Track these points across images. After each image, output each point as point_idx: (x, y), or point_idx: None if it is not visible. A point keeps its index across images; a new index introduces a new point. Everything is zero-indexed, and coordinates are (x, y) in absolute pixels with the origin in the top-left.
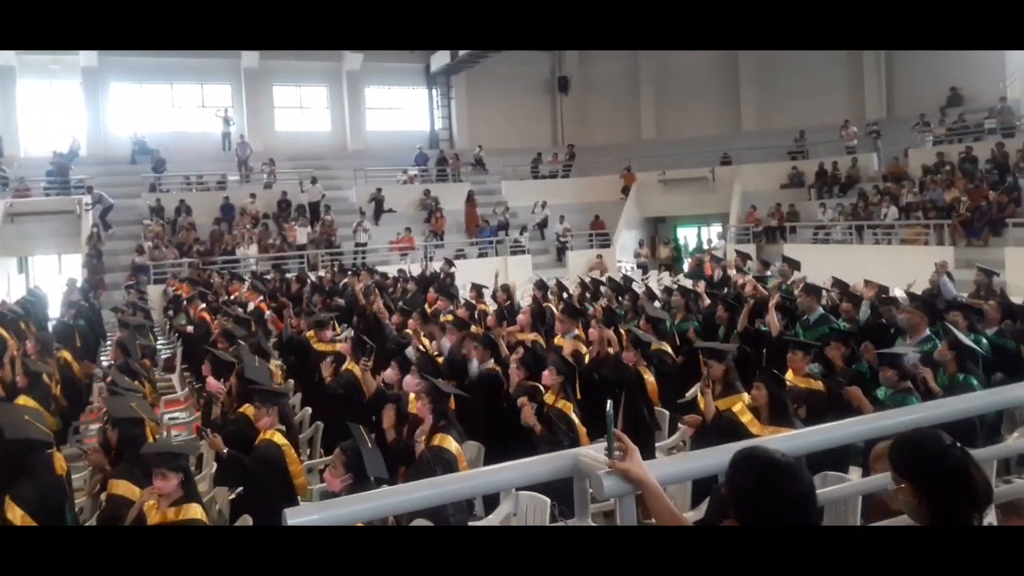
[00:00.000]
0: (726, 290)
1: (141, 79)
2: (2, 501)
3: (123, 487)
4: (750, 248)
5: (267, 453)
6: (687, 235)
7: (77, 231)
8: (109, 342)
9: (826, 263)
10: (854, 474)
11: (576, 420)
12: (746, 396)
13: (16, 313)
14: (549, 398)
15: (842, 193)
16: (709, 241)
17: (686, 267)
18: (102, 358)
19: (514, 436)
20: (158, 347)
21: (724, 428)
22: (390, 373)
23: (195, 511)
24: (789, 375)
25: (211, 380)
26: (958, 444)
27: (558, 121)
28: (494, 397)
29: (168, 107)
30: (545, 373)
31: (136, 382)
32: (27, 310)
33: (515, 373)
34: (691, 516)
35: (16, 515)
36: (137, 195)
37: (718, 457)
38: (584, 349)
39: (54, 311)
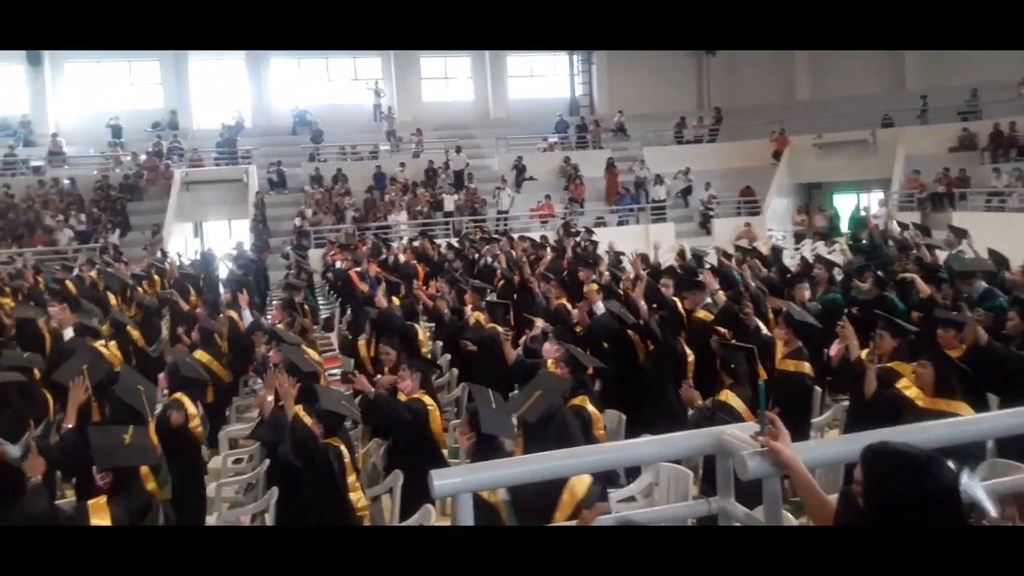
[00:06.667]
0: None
1: (299, 54)
2: None
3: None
4: (914, 216)
5: (416, 407)
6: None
7: (244, 198)
8: (272, 299)
9: (1000, 233)
10: None
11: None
12: (909, 369)
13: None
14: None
15: (1020, 157)
16: (867, 209)
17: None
18: (267, 314)
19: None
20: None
21: (882, 407)
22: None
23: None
24: None
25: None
26: None
27: (704, 83)
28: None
29: (324, 81)
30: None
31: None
32: (199, 270)
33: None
34: None
35: None
36: (298, 164)
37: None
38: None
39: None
